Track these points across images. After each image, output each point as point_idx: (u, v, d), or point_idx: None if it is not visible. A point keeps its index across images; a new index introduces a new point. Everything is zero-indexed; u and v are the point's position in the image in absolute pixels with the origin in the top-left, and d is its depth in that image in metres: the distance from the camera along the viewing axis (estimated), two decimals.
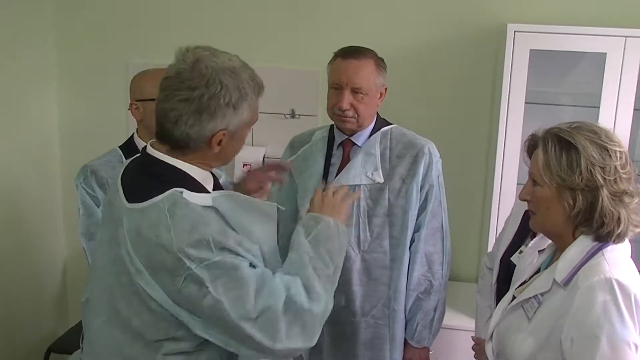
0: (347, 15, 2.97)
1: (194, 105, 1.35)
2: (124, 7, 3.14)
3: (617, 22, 2.62)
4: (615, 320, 1.34)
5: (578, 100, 2.78)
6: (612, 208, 1.40)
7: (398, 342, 2.17)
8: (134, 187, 1.42)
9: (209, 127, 1.37)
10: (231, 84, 1.37)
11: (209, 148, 1.41)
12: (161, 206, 1.34)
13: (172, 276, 1.32)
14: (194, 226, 1.33)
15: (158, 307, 1.36)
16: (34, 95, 3.15)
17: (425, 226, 2.11)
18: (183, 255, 1.30)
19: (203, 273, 1.30)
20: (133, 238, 1.36)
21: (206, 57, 1.38)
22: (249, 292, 1.33)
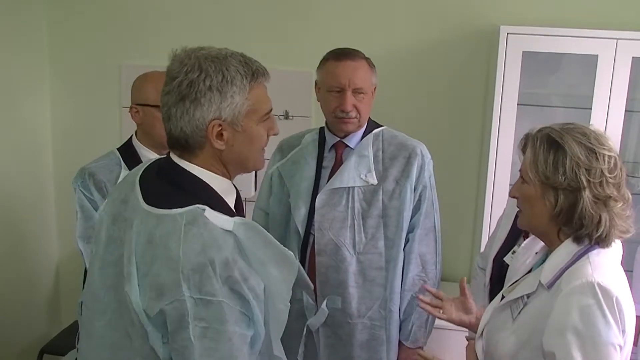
0: (340, 16, 2.97)
1: (175, 94, 1.31)
2: (117, 9, 3.13)
3: (608, 24, 2.63)
4: (600, 323, 1.35)
5: (570, 101, 2.80)
6: (592, 211, 1.41)
7: (394, 342, 2.17)
8: (154, 190, 1.36)
9: (197, 115, 1.31)
10: (212, 68, 1.31)
11: (211, 144, 1.34)
12: (179, 219, 1.27)
13: (159, 294, 1.25)
14: (205, 248, 1.25)
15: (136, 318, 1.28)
16: (27, 97, 3.13)
17: (419, 227, 2.12)
18: (184, 279, 1.22)
19: (192, 307, 1.22)
20: (142, 243, 1.29)
21: (195, 50, 1.35)
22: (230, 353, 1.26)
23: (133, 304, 1.27)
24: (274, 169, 2.24)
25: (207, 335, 1.24)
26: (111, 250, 1.39)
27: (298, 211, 2.12)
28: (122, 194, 1.42)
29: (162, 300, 1.24)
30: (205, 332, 1.24)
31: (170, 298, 1.23)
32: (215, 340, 1.25)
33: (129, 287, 1.27)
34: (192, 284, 1.23)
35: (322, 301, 2.12)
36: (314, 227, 2.10)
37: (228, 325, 1.25)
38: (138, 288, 1.27)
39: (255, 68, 1.38)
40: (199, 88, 1.30)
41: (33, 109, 3.18)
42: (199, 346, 1.23)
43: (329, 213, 2.08)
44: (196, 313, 1.23)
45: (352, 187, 2.07)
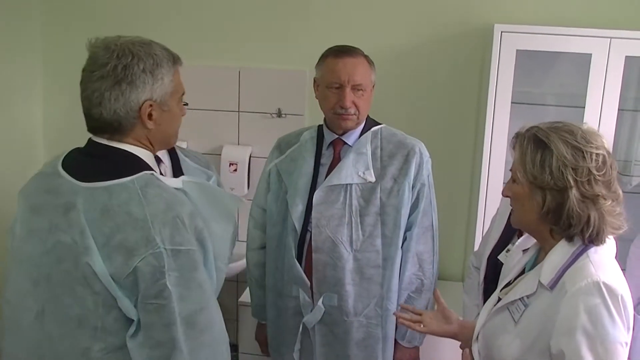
0: (334, 15, 2.97)
1: (111, 79, 1.36)
2: (111, 8, 3.11)
3: (602, 23, 2.64)
4: (607, 322, 1.35)
5: (563, 100, 2.81)
6: (579, 210, 1.40)
7: (390, 341, 2.16)
8: (89, 171, 1.40)
9: (132, 97, 1.38)
10: (142, 52, 1.39)
11: (142, 124, 1.41)
12: (131, 186, 1.34)
13: (129, 255, 1.29)
14: (169, 205, 1.34)
15: (102, 289, 1.32)
16: (20, 96, 3.11)
17: (416, 225, 2.11)
18: (156, 233, 1.30)
19: (166, 257, 1.30)
20: (95, 217, 1.32)
21: (114, 38, 1.41)
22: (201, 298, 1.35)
23: (98, 274, 1.30)
24: (271, 166, 2.23)
25: (180, 283, 1.31)
26: (34, 243, 1.41)
27: (295, 208, 2.11)
28: (45, 185, 1.44)
29: (132, 259, 1.29)
30: (178, 280, 1.31)
31: (142, 254, 1.29)
32: (187, 288, 1.32)
33: (90, 260, 1.31)
34: (165, 237, 1.30)
35: (319, 298, 2.11)
36: (311, 224, 2.09)
37: (197, 272, 1.35)
38: (101, 259, 1.30)
39: (174, 54, 1.47)
40: (133, 71, 1.37)
41: (26, 108, 3.15)
42: (175, 292, 1.30)
43: (326, 210, 2.07)
44: (169, 263, 1.30)
45: (350, 184, 2.07)
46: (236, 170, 3.08)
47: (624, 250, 2.58)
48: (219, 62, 3.08)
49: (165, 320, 1.31)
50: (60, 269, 1.36)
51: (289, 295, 2.15)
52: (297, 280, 2.13)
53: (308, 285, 2.12)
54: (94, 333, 1.35)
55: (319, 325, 2.14)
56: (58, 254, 1.36)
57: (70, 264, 1.35)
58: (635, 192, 2.86)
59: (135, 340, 1.33)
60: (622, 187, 2.08)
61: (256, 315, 2.36)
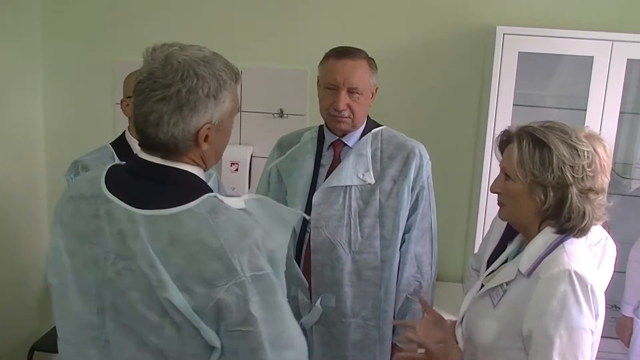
0: (335, 15, 2.97)
1: (173, 103, 1.28)
2: (111, 5, 3.11)
3: (604, 26, 2.64)
4: (574, 308, 1.44)
5: (565, 102, 2.81)
6: (579, 204, 1.50)
7: (387, 343, 2.16)
8: (141, 195, 1.31)
9: (193, 122, 1.30)
10: (207, 73, 1.30)
11: (197, 146, 1.34)
12: (198, 212, 1.27)
13: (210, 286, 1.24)
14: (243, 231, 1.27)
15: (183, 320, 1.25)
16: (19, 92, 3.10)
17: (415, 227, 2.11)
18: (236, 262, 1.24)
19: (249, 285, 1.25)
20: (164, 247, 1.25)
21: (176, 52, 1.32)
22: (283, 319, 1.32)
23: (179, 308, 1.24)
24: (272, 166, 2.23)
25: (262, 307, 1.27)
26: (93, 271, 1.33)
27: (294, 208, 2.11)
28: (84, 211, 1.36)
29: (215, 291, 1.24)
30: (261, 305, 1.27)
31: (225, 285, 1.24)
32: (269, 311, 1.29)
33: (168, 294, 1.24)
34: (244, 265, 1.25)
35: (317, 299, 2.11)
36: (310, 224, 2.09)
37: (277, 295, 1.31)
38: (179, 291, 1.24)
39: (235, 69, 1.38)
40: (198, 95, 1.29)
41: (26, 104, 3.15)
42: (259, 317, 1.27)
43: (325, 211, 2.07)
44: (251, 290, 1.25)
45: (350, 185, 2.07)
46: (237, 170, 3.08)
47: (624, 254, 2.58)
48: None
49: (252, 345, 1.27)
50: (129, 299, 1.29)
51: (288, 296, 2.14)
52: (295, 280, 2.13)
53: (306, 286, 2.12)
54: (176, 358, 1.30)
55: (316, 326, 2.15)
56: (123, 283, 1.29)
57: (141, 294, 1.28)
58: (635, 195, 2.86)
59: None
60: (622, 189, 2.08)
61: None
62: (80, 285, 1.35)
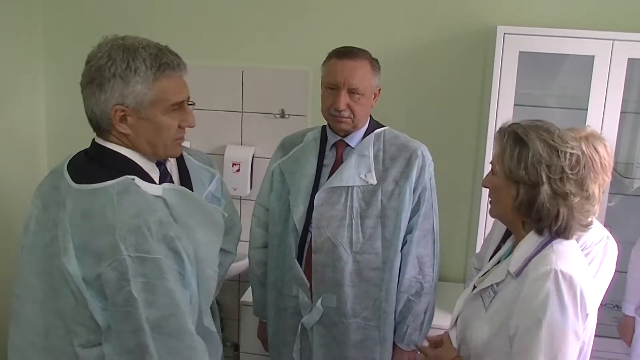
0: (337, 15, 2.97)
1: (86, 78, 1.43)
2: (113, 5, 3.12)
3: (605, 25, 2.64)
4: (556, 308, 1.43)
5: (566, 102, 2.81)
6: (549, 205, 1.49)
7: (388, 344, 2.16)
8: (82, 172, 1.46)
9: (102, 99, 1.41)
10: (119, 56, 1.40)
11: (114, 127, 1.44)
12: (110, 190, 1.38)
13: (97, 259, 1.34)
14: (139, 212, 1.37)
15: (76, 288, 1.37)
16: (22, 93, 3.11)
17: (417, 228, 2.11)
18: (120, 240, 1.33)
19: (131, 264, 1.33)
20: (76, 219, 1.38)
21: (117, 38, 1.45)
22: (170, 306, 1.38)
23: (71, 275, 1.35)
24: (275, 166, 2.24)
25: (146, 289, 1.34)
26: (40, 237, 1.46)
27: (297, 208, 2.12)
28: (53, 182, 1.51)
29: (101, 264, 1.33)
30: (145, 287, 1.34)
31: (108, 260, 1.33)
32: (154, 293, 1.35)
33: (66, 259, 1.36)
34: (129, 244, 1.33)
35: (318, 299, 2.11)
36: (312, 224, 2.10)
37: (165, 280, 1.37)
38: (75, 259, 1.35)
39: (165, 61, 1.45)
40: (104, 74, 1.40)
41: (28, 105, 3.16)
42: (141, 299, 1.33)
43: (327, 211, 2.07)
44: (134, 270, 1.33)
45: (352, 186, 2.07)
46: (239, 171, 3.09)
47: (625, 253, 2.58)
48: (223, 63, 3.08)
49: (132, 326, 1.34)
50: (55, 265, 1.41)
51: (289, 295, 2.16)
52: (296, 280, 2.13)
53: (307, 286, 2.12)
54: (74, 328, 1.40)
55: (317, 326, 2.15)
56: (52, 250, 1.42)
57: (58, 261, 1.39)
58: (637, 195, 2.86)
59: (109, 346, 1.38)
60: (624, 189, 2.07)
61: (257, 314, 2.37)
62: (30, 248, 1.49)
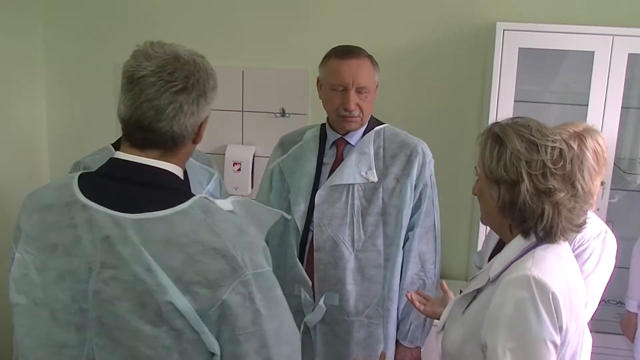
0: (336, 14, 2.97)
1: (195, 92, 1.29)
2: (113, 6, 3.12)
3: (605, 20, 2.64)
4: (532, 317, 1.34)
5: (566, 98, 2.81)
6: (532, 203, 1.40)
7: (391, 341, 2.16)
8: (127, 199, 1.26)
9: (203, 114, 1.32)
10: (208, 67, 1.34)
11: (194, 142, 1.35)
12: (192, 212, 1.23)
13: (214, 287, 1.20)
14: (241, 230, 1.26)
15: (184, 324, 1.21)
16: (22, 94, 3.12)
17: (418, 225, 2.11)
18: (240, 259, 1.21)
19: (254, 283, 1.23)
20: (159, 250, 1.21)
21: (175, 47, 1.34)
22: (282, 314, 1.31)
23: (182, 311, 1.20)
24: (274, 164, 2.23)
25: (264, 305, 1.25)
26: (70, 285, 1.25)
27: (297, 207, 2.12)
28: (56, 221, 1.29)
29: (219, 291, 1.20)
30: (263, 303, 1.25)
31: (230, 284, 1.21)
32: (272, 307, 1.27)
33: (169, 297, 1.19)
34: (247, 263, 1.22)
35: (320, 298, 2.11)
36: (313, 223, 2.09)
37: (277, 290, 1.30)
38: (181, 294, 1.20)
39: None
40: (209, 87, 1.32)
41: (29, 106, 3.17)
42: (265, 314, 1.24)
43: (328, 210, 2.07)
44: (256, 288, 1.23)
45: (352, 184, 2.07)
46: (240, 170, 3.09)
47: (628, 249, 2.58)
48: (223, 62, 3.07)
49: (258, 344, 1.25)
50: (118, 309, 1.22)
51: (291, 294, 2.15)
52: (298, 279, 2.13)
53: (309, 285, 2.12)
54: None
55: (320, 325, 2.15)
56: (110, 293, 1.22)
57: (131, 303, 1.21)
58: (639, 191, 2.85)
59: None
60: (626, 185, 2.05)
61: None
62: (52, 301, 1.27)
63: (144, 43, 1.35)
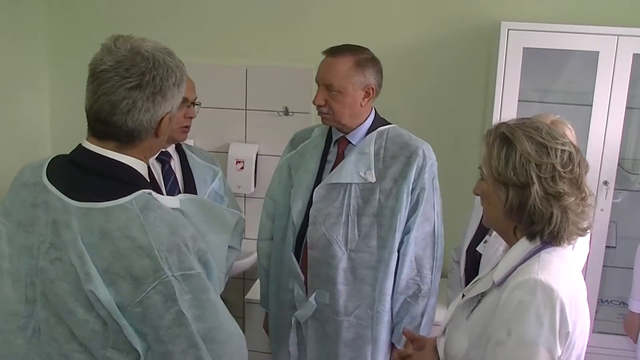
0: (340, 13, 2.97)
1: (149, 89, 1.31)
2: (116, 5, 3.13)
3: (609, 20, 2.63)
4: (532, 321, 1.32)
5: (570, 98, 2.80)
6: (542, 207, 1.38)
7: (381, 344, 2.13)
8: (76, 186, 1.31)
9: (160, 110, 1.33)
10: (172, 64, 1.35)
11: (156, 135, 1.36)
12: (130, 207, 1.27)
13: (136, 284, 1.23)
14: (173, 230, 1.28)
15: (107, 315, 1.25)
16: (26, 92, 3.13)
17: (415, 229, 2.06)
18: (163, 261, 1.24)
19: (176, 284, 1.25)
20: (94, 240, 1.25)
21: (139, 42, 1.35)
22: (216, 315, 1.31)
23: (103, 302, 1.24)
24: (284, 160, 2.26)
25: (194, 305, 1.28)
26: (27, 259, 1.32)
27: (295, 203, 2.13)
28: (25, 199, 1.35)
29: (141, 288, 1.24)
30: (192, 303, 1.28)
31: (151, 283, 1.24)
32: (201, 308, 1.29)
33: (92, 286, 1.24)
34: (172, 264, 1.25)
35: (312, 294, 2.12)
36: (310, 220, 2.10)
37: (209, 293, 1.31)
38: (104, 285, 1.24)
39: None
40: (167, 84, 1.33)
41: (32, 104, 3.18)
42: (190, 315, 1.27)
43: (324, 208, 2.07)
44: (180, 289, 1.26)
45: (350, 183, 2.06)
46: (243, 168, 3.09)
47: (632, 250, 2.58)
48: (226, 61, 3.09)
49: (185, 344, 1.27)
50: (58, 289, 1.29)
51: (287, 288, 2.18)
52: (292, 274, 2.15)
53: (302, 280, 2.13)
54: (102, 352, 1.29)
55: (311, 321, 2.16)
56: (54, 273, 1.29)
57: (69, 285, 1.28)
58: None
59: None
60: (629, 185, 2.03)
61: (263, 305, 2.39)
62: (13, 272, 1.34)
63: (111, 37, 1.36)
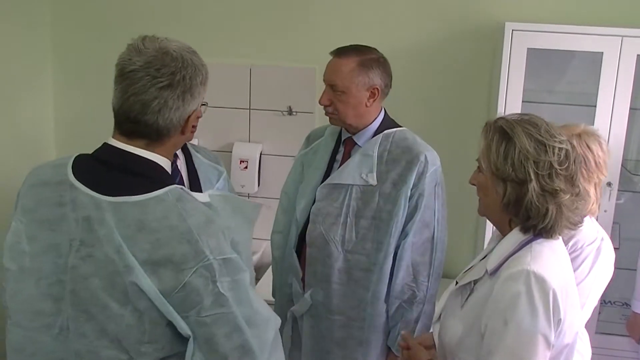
0: (343, 13, 2.97)
1: (180, 89, 1.35)
2: (120, 3, 3.13)
3: (613, 21, 2.63)
4: (526, 311, 1.36)
5: (575, 99, 2.80)
6: (538, 203, 1.42)
7: (372, 346, 2.13)
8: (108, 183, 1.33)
9: (189, 108, 1.38)
10: (198, 62, 1.39)
11: (182, 133, 1.40)
12: (166, 199, 1.30)
13: (178, 269, 1.26)
14: (209, 218, 1.32)
15: (147, 306, 1.27)
16: (30, 90, 3.13)
17: (412, 235, 2.05)
18: (204, 244, 1.27)
19: (217, 267, 1.28)
20: (130, 233, 1.27)
21: (166, 42, 1.39)
22: (252, 301, 1.33)
23: (146, 292, 1.26)
24: (298, 157, 2.30)
25: (233, 288, 1.30)
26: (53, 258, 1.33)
27: (300, 200, 2.18)
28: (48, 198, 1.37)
29: (183, 273, 1.26)
30: (231, 285, 1.30)
31: (192, 268, 1.26)
32: (238, 290, 1.31)
33: (134, 277, 1.26)
34: (213, 249, 1.28)
35: (308, 291, 2.15)
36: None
37: (246, 278, 1.34)
38: (146, 275, 1.26)
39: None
40: (195, 82, 1.37)
41: (36, 102, 3.18)
42: (230, 296, 1.29)
43: (325, 207, 2.09)
44: (220, 272, 1.28)
45: (351, 184, 2.07)
46: (247, 168, 3.10)
47: (634, 251, 2.57)
48: (230, 60, 3.09)
49: (228, 328, 1.29)
50: (91, 285, 1.30)
51: (285, 283, 2.23)
52: (292, 269, 2.19)
53: (300, 275, 2.17)
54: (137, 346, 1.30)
55: (307, 318, 2.18)
56: (85, 270, 1.30)
57: (102, 281, 1.29)
58: None
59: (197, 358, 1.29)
60: (633, 186, 2.03)
61: (273, 296, 2.41)
62: (36, 271, 1.35)
63: (138, 37, 1.39)
